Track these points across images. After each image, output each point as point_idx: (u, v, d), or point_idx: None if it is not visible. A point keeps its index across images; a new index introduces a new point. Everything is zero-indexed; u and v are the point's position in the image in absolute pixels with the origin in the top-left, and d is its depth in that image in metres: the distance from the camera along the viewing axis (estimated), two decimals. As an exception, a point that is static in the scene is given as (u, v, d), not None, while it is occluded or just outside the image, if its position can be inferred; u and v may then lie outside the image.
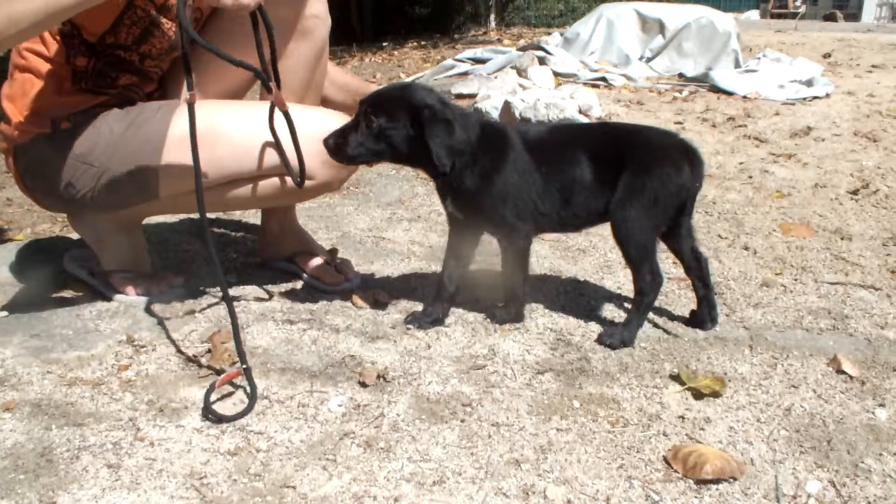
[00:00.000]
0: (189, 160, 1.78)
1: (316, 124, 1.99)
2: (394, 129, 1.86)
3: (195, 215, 2.83)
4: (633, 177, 1.89)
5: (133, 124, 1.96)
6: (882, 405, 1.68)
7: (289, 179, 2.02)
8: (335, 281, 2.28)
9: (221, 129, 1.96)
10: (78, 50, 1.91)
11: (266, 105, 1.95)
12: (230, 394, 1.68)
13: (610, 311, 2.16)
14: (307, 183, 2.01)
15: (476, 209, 2.00)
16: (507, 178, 1.94)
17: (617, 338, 1.92)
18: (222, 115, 1.99)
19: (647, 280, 1.92)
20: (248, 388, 1.67)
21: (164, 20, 1.87)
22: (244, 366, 1.69)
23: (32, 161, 1.98)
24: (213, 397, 1.64)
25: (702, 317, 2.04)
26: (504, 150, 1.96)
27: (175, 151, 1.94)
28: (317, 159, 2.00)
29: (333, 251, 2.43)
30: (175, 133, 1.94)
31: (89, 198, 2.00)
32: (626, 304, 2.19)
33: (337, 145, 1.90)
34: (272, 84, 1.87)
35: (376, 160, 1.99)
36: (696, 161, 1.94)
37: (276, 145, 1.97)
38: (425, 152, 1.83)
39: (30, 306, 2.13)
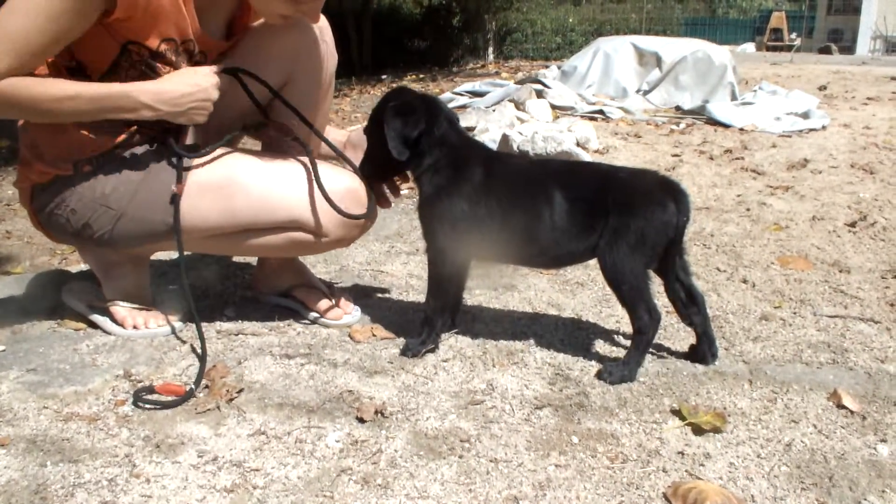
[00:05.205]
0: (205, 209, 1.99)
1: (333, 181, 2.06)
2: (379, 133, 1.98)
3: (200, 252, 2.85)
4: (617, 219, 1.88)
5: (152, 170, 1.98)
6: (884, 441, 1.66)
7: (301, 233, 2.05)
8: (334, 315, 2.27)
9: (240, 180, 2.00)
10: None
11: (283, 159, 2.09)
12: (227, 427, 1.67)
13: (609, 345, 2.16)
14: (321, 239, 2.06)
15: (419, 217, 2.07)
16: (455, 203, 1.96)
17: (617, 375, 1.90)
18: (241, 166, 2.03)
19: (645, 319, 1.91)
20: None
21: (159, 66, 1.90)
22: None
23: (50, 201, 1.98)
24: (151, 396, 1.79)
25: (702, 352, 2.02)
26: (467, 173, 1.98)
27: (192, 198, 1.97)
28: (332, 217, 2.03)
29: (331, 285, 2.43)
30: (192, 180, 1.98)
31: (106, 238, 2.01)
32: (625, 338, 2.18)
33: (363, 168, 2.12)
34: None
35: (391, 172, 2.13)
36: (680, 196, 1.92)
37: (297, 198, 2.05)
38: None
39: (27, 340, 2.13)
